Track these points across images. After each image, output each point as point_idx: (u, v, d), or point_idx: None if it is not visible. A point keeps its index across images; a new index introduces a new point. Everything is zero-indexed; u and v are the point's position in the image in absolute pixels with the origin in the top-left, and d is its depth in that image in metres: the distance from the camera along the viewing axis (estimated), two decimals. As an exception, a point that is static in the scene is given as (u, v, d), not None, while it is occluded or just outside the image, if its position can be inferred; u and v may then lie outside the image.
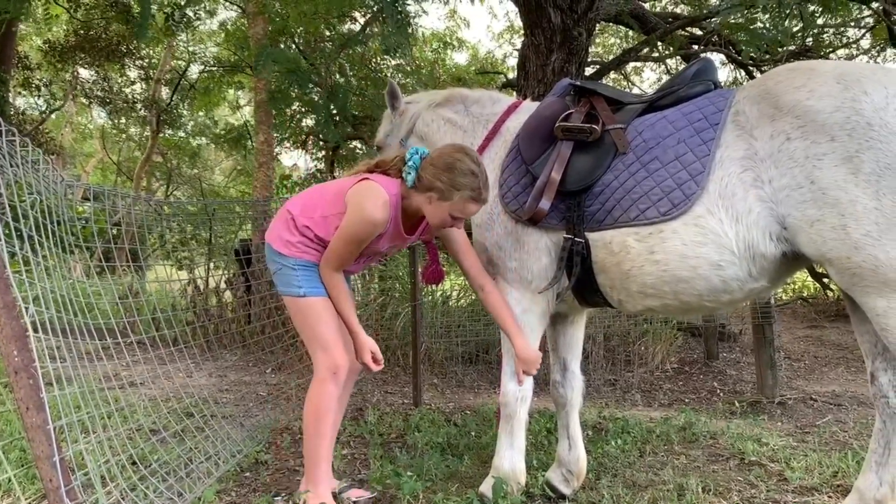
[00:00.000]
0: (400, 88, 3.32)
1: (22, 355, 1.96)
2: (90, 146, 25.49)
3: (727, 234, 2.20)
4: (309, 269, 2.66)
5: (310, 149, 13.90)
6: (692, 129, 2.34)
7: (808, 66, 2.26)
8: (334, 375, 2.65)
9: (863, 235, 1.97)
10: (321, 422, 2.66)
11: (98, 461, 2.62)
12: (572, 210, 2.49)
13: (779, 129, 2.14)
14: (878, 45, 9.41)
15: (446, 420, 4.24)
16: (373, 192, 2.53)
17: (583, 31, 5.81)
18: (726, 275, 2.24)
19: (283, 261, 2.66)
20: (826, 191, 2.02)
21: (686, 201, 2.26)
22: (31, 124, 14.05)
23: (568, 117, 2.61)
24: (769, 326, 4.97)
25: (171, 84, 17.51)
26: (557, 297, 2.68)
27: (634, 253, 2.36)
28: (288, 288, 2.67)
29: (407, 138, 3.15)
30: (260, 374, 5.98)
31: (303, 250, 2.65)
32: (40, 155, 2.70)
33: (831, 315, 9.19)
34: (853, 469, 3.08)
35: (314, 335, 2.67)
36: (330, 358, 2.65)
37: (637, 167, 2.39)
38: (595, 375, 5.64)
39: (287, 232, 2.67)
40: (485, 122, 3.02)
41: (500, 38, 16.49)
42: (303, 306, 2.66)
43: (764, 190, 2.16)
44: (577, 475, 2.88)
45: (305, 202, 2.72)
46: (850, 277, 2.05)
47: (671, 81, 2.65)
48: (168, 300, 7.07)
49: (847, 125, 2.01)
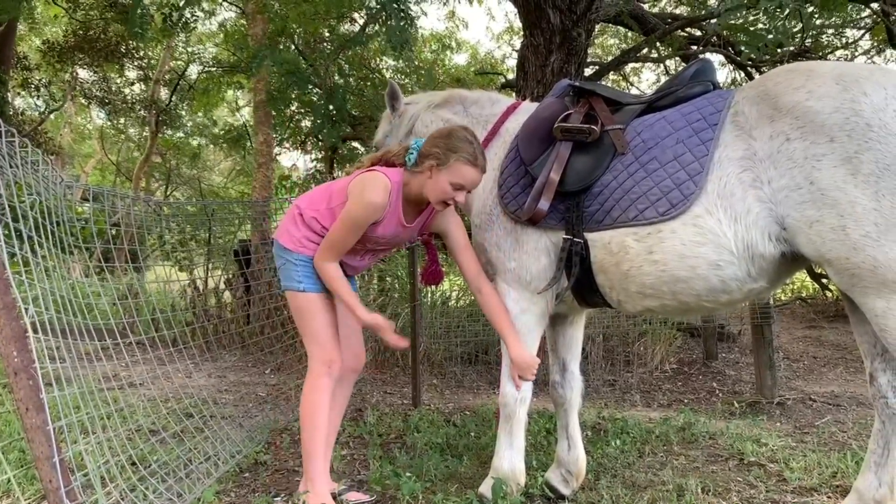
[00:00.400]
0: (399, 89, 3.32)
1: (22, 356, 1.96)
2: (89, 147, 25.48)
3: (726, 234, 2.20)
4: (310, 266, 2.70)
5: (309, 149, 13.90)
6: (691, 129, 2.34)
7: (806, 66, 2.26)
8: (328, 369, 2.69)
9: (862, 236, 1.97)
10: (316, 415, 2.68)
11: (98, 462, 2.62)
12: (571, 211, 2.50)
13: (778, 130, 2.15)
14: (876, 46, 9.42)
15: (445, 420, 4.24)
16: (373, 178, 2.59)
17: (582, 31, 5.81)
18: (725, 275, 2.24)
19: (286, 255, 2.73)
20: (825, 191, 2.03)
21: (684, 201, 2.26)
22: (29, 125, 14.05)
23: (567, 118, 2.61)
24: (768, 327, 4.97)
25: (170, 85, 17.50)
26: (556, 297, 2.68)
27: (633, 253, 2.37)
28: (289, 282, 2.73)
29: (405, 139, 3.16)
30: (259, 374, 5.99)
31: (305, 245, 2.70)
32: (39, 155, 2.70)
33: (830, 315, 9.20)
34: (852, 469, 3.08)
35: (310, 330, 2.73)
36: (324, 352, 2.70)
37: (636, 167, 2.39)
38: (594, 376, 5.65)
39: (294, 227, 2.74)
40: (484, 123, 3.02)
41: (499, 38, 16.47)
42: (301, 301, 2.71)
43: (763, 190, 2.16)
44: (576, 476, 2.89)
45: (313, 196, 2.81)
46: (850, 278, 2.05)
47: (670, 82, 2.65)
48: (167, 301, 7.06)
49: (846, 126, 2.01)
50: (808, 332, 8.19)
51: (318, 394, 2.69)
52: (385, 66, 12.31)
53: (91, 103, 16.95)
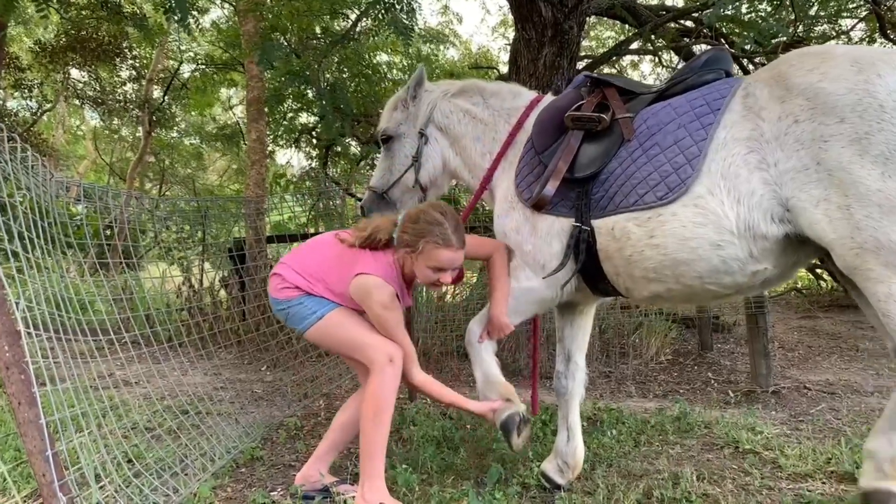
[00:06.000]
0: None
1: (13, 350, 1.96)
2: (82, 148, 25.40)
3: (727, 215, 2.20)
4: (314, 298, 2.68)
5: (303, 147, 13.88)
6: (693, 114, 2.35)
7: (820, 49, 2.26)
8: (391, 363, 2.60)
9: (865, 217, 1.97)
10: (382, 412, 2.57)
11: (92, 458, 2.62)
12: (581, 198, 2.51)
13: (787, 111, 2.15)
14: (868, 36, 9.43)
15: (441, 414, 4.24)
16: (376, 287, 2.57)
17: (574, 24, 5.80)
18: (726, 254, 2.23)
19: (288, 304, 2.70)
20: (832, 172, 2.03)
21: (681, 185, 2.27)
22: (22, 126, 13.98)
23: (579, 108, 2.63)
24: (762, 316, 4.99)
25: (163, 83, 17.44)
26: (563, 287, 2.66)
27: (635, 238, 2.37)
28: (305, 321, 2.68)
29: (426, 127, 3.11)
30: (255, 371, 5.98)
31: (304, 290, 2.69)
32: (28, 152, 2.68)
33: (825, 305, 9.23)
34: (846, 456, 3.10)
35: (352, 342, 2.66)
36: (379, 350, 2.60)
37: (639, 153, 2.41)
38: (590, 367, 5.61)
39: (280, 285, 2.73)
40: (506, 117, 3.01)
41: (494, 31, 16.47)
42: (325, 326, 2.67)
43: (769, 172, 2.16)
44: (573, 467, 2.89)
45: (304, 262, 2.76)
46: (852, 259, 2.03)
47: (682, 70, 2.67)
48: (162, 299, 7.05)
49: (859, 107, 2.01)
50: (802, 322, 8.22)
51: (385, 390, 2.56)
52: (378, 61, 12.27)
53: (84, 104, 16.86)
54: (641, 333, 6.12)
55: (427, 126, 3.11)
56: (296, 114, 12.22)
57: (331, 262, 2.72)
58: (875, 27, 8.62)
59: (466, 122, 3.08)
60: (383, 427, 2.57)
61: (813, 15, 8.11)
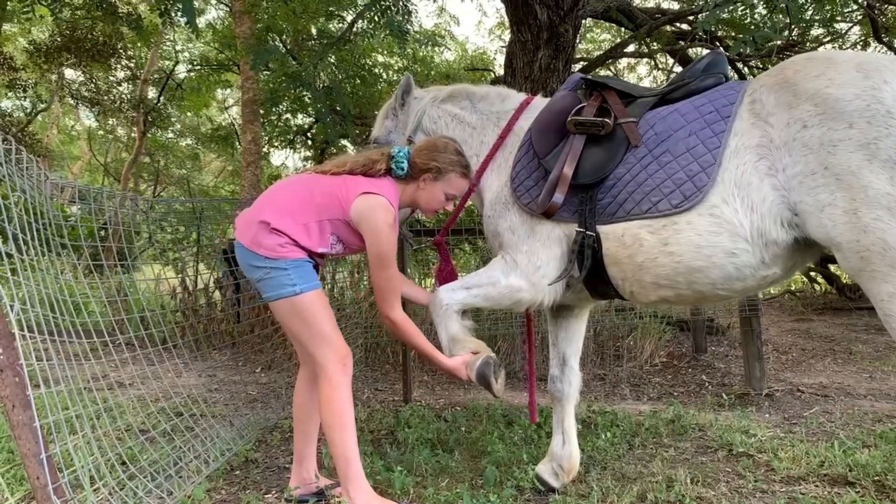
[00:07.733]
0: (413, 82, 3.25)
1: (7, 353, 1.95)
2: (77, 148, 25.32)
3: (742, 223, 2.21)
4: (299, 266, 2.53)
5: (298, 148, 13.87)
6: (703, 121, 2.35)
7: (825, 55, 2.28)
8: (344, 367, 2.59)
9: (873, 219, 1.99)
10: (345, 415, 2.56)
11: (86, 460, 2.61)
12: (584, 204, 2.50)
13: (795, 117, 2.16)
14: (862, 39, 9.48)
15: (436, 416, 4.24)
16: (382, 207, 2.55)
17: (569, 27, 5.82)
18: (740, 262, 2.24)
19: (268, 264, 2.51)
20: (840, 176, 2.05)
21: (697, 193, 2.27)
22: (16, 126, 13.92)
23: (580, 111, 2.62)
24: (756, 319, 5.00)
25: (157, 84, 17.40)
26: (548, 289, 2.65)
27: (648, 245, 2.37)
28: (280, 290, 2.51)
29: (415, 134, 3.10)
30: (249, 373, 5.97)
31: (290, 250, 2.53)
32: (23, 153, 2.68)
33: (818, 308, 9.27)
34: (840, 459, 3.11)
35: (317, 332, 2.56)
36: (337, 351, 2.58)
37: (649, 160, 2.40)
38: (584, 370, 5.65)
39: (263, 237, 2.52)
40: (495, 120, 2.99)
41: (491, 33, 16.50)
42: (299, 305, 2.52)
43: (778, 178, 2.17)
44: (567, 471, 2.89)
45: (283, 204, 2.58)
46: (858, 262, 2.05)
47: (682, 74, 2.67)
48: (157, 300, 7.03)
49: (867, 112, 2.04)
50: (796, 325, 8.25)
51: (341, 393, 2.56)
52: (373, 62, 12.27)
53: (78, 104, 16.81)
54: (636, 336, 6.14)
55: (416, 133, 3.10)
56: (291, 115, 12.22)
57: (312, 195, 2.58)
58: (869, 30, 8.67)
59: (454, 126, 3.07)
60: (349, 430, 2.57)
61: (807, 19, 8.15)
